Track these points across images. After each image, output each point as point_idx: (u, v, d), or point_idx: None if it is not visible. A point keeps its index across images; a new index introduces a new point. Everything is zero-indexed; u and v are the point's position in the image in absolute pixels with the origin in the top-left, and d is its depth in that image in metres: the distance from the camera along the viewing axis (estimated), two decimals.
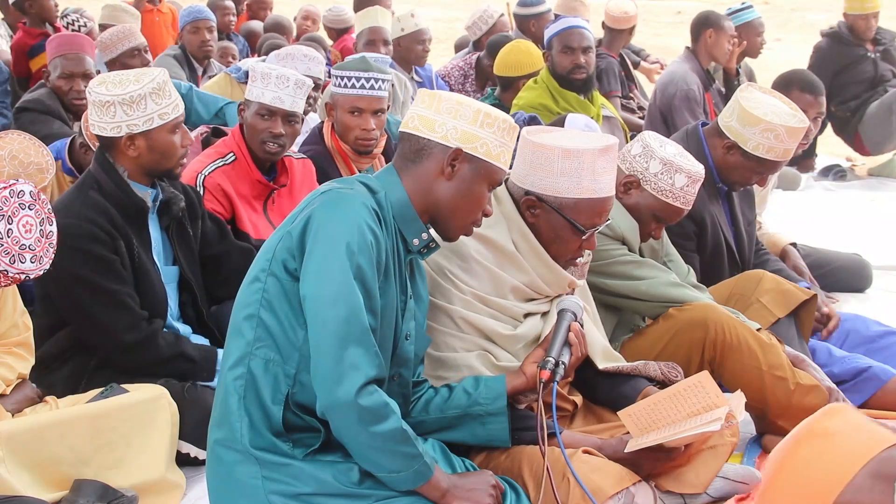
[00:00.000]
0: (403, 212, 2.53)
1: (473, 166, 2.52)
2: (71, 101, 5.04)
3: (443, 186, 2.53)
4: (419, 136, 2.53)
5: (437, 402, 2.72)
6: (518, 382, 2.71)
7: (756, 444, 3.46)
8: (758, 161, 3.87)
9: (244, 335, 2.46)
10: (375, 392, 2.35)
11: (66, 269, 3.19)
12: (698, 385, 2.72)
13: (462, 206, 2.55)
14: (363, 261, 2.36)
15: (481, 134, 2.51)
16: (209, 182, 4.04)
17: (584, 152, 2.79)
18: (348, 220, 2.38)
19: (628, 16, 7.61)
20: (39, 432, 2.95)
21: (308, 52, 5.37)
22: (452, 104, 2.52)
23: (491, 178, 2.55)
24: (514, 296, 2.90)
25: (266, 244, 2.51)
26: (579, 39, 5.62)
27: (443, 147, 2.51)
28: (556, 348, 2.66)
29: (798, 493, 1.58)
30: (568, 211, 2.82)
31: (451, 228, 2.59)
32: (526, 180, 2.86)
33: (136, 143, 3.28)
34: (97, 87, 3.26)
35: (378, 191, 2.52)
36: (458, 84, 7.10)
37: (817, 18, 20.24)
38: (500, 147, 2.54)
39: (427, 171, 2.53)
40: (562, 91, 5.59)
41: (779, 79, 4.64)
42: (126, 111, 3.23)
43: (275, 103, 4.04)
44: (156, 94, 3.24)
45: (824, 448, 1.59)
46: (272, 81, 4.04)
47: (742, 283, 3.86)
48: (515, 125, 2.57)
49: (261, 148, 4.09)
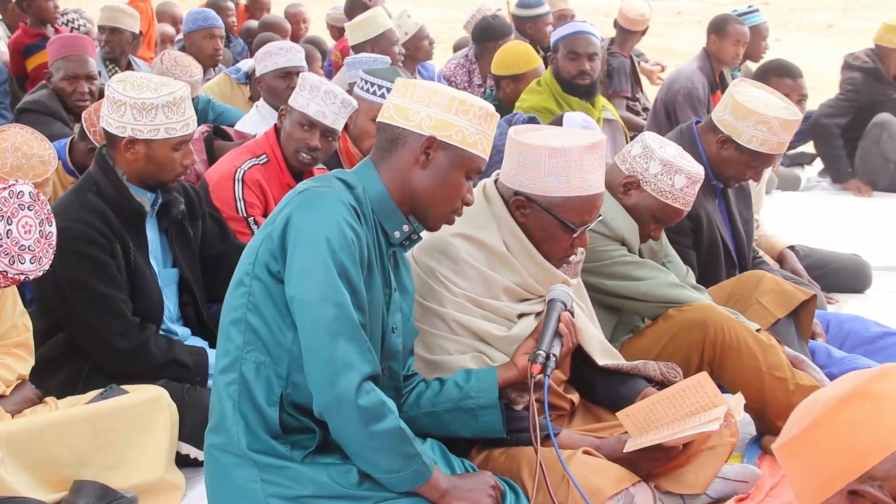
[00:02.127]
0: (382, 205, 2.52)
1: (449, 154, 2.50)
2: (74, 103, 5.05)
3: (419, 175, 2.51)
4: (394, 125, 2.52)
5: (428, 396, 2.71)
6: (509, 374, 2.70)
7: (756, 445, 3.45)
8: (752, 154, 3.87)
9: (233, 339, 2.46)
10: (373, 391, 2.35)
11: (62, 271, 3.18)
12: (697, 386, 2.72)
13: (439, 195, 2.53)
14: (345, 258, 2.36)
15: (456, 121, 2.48)
16: (248, 177, 4.10)
17: (571, 150, 2.78)
18: (327, 218, 2.37)
19: (644, 18, 7.64)
20: (39, 433, 2.95)
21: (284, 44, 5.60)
22: (426, 92, 2.50)
23: (468, 166, 2.52)
24: (507, 296, 2.89)
25: (248, 247, 2.50)
26: (586, 45, 5.61)
27: (417, 135, 2.49)
28: (546, 340, 2.65)
29: (834, 452, 1.54)
30: (557, 210, 2.81)
31: (431, 217, 2.57)
32: (514, 180, 2.85)
33: (135, 148, 3.27)
34: (117, 83, 3.26)
35: (356, 186, 2.50)
36: (463, 82, 7.11)
37: (817, 18, 20.27)
38: (477, 134, 2.51)
39: (402, 160, 2.51)
40: (565, 95, 5.58)
41: (755, 72, 4.67)
42: (135, 115, 3.23)
43: (318, 117, 4.06)
44: (169, 107, 3.24)
45: (875, 412, 1.53)
46: (320, 95, 4.06)
47: (741, 283, 3.87)
48: (494, 112, 2.54)
49: (294, 156, 4.13)
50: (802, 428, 1.58)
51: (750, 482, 3.09)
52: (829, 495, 1.54)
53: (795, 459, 1.59)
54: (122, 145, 3.28)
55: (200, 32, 6.76)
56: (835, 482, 1.54)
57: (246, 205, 4.08)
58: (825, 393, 1.61)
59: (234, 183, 4.08)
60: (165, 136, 3.26)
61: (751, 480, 3.09)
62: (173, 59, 5.44)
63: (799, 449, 1.58)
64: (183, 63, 5.44)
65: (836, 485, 1.54)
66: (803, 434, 1.57)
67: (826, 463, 1.55)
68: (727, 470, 3.02)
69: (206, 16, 6.85)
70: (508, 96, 5.82)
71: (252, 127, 5.16)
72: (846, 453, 1.53)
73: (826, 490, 1.55)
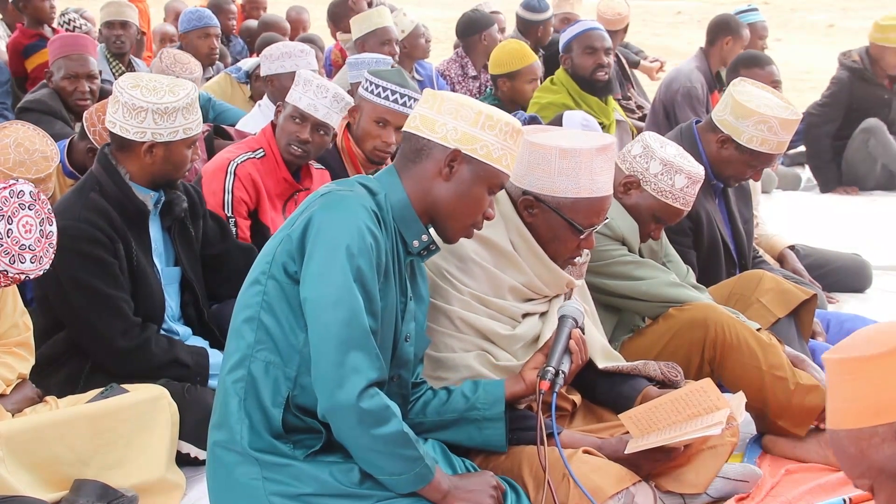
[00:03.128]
0: (403, 213, 2.52)
1: (472, 168, 2.50)
2: (75, 102, 5.05)
3: (441, 187, 2.51)
4: (420, 135, 2.52)
5: (434, 405, 2.71)
6: (517, 388, 2.70)
7: (756, 444, 3.45)
8: (751, 154, 3.88)
9: (244, 337, 2.46)
10: (377, 395, 2.35)
11: (64, 270, 3.18)
12: (700, 390, 2.72)
13: (460, 208, 2.53)
14: (363, 263, 2.36)
15: (482, 136, 2.49)
16: (241, 170, 4.10)
17: (581, 152, 2.79)
18: (348, 222, 2.37)
19: (621, 17, 7.67)
20: (39, 432, 2.95)
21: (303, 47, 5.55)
22: (454, 105, 2.50)
23: (491, 182, 2.53)
24: (513, 296, 2.89)
25: (266, 247, 2.51)
26: (601, 40, 5.63)
27: (442, 147, 2.49)
28: (556, 357, 2.64)
29: None
30: (566, 210, 2.82)
31: (450, 230, 2.58)
32: (523, 180, 2.86)
33: (154, 152, 3.28)
34: (130, 89, 3.25)
35: (378, 192, 2.51)
36: (457, 77, 7.13)
37: (817, 18, 20.27)
38: (502, 150, 2.51)
39: (426, 171, 2.52)
40: (582, 94, 5.58)
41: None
42: (156, 120, 3.23)
43: (309, 110, 4.07)
44: (187, 109, 3.27)
45: None
46: (312, 89, 4.08)
47: (742, 283, 3.87)
48: (520, 128, 2.54)
49: (286, 149, 4.13)
50: (875, 352, 1.53)
51: (750, 482, 3.09)
52: (878, 423, 1.51)
53: (854, 377, 1.54)
54: (139, 150, 3.28)
55: (196, 32, 6.76)
56: (891, 412, 1.51)
57: (234, 199, 4.06)
58: None
59: (226, 175, 4.08)
60: (183, 136, 3.29)
61: (751, 480, 3.09)
62: (172, 57, 5.43)
63: (864, 368, 1.53)
64: (182, 61, 5.44)
65: (890, 415, 1.51)
66: (875, 357, 1.52)
67: (889, 391, 1.51)
68: (728, 469, 3.03)
69: (200, 15, 6.84)
70: (507, 95, 5.82)
71: (255, 126, 5.16)
72: None
73: (878, 417, 1.51)
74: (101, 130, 3.98)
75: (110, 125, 3.32)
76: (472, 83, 6.99)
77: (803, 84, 12.37)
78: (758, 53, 4.89)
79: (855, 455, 1.54)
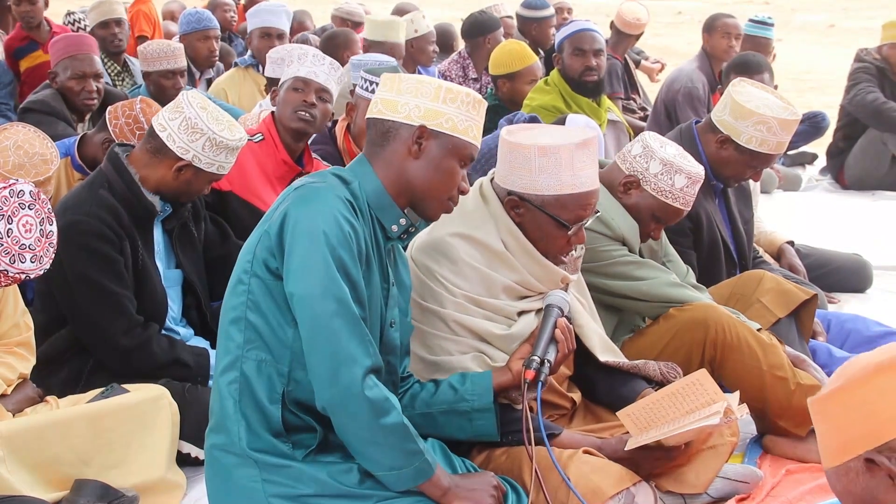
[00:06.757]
0: (378, 199, 2.52)
1: (440, 142, 2.50)
2: (83, 102, 5.07)
3: (413, 166, 2.51)
4: (384, 119, 2.51)
5: (423, 397, 2.71)
6: (504, 379, 2.70)
7: (756, 445, 3.46)
8: (751, 154, 3.88)
9: (233, 339, 2.46)
10: (376, 386, 2.35)
11: (71, 265, 3.20)
12: (696, 383, 2.72)
13: (435, 184, 2.52)
14: (344, 253, 2.36)
15: (445, 109, 2.49)
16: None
17: (560, 148, 2.78)
18: (324, 213, 2.37)
19: (639, 23, 7.66)
20: (40, 432, 2.95)
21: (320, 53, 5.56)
22: (413, 83, 2.51)
23: (461, 154, 2.52)
24: (507, 295, 2.88)
25: (246, 245, 2.50)
26: (591, 42, 5.61)
27: (407, 126, 2.49)
28: (541, 346, 2.65)
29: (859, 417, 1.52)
30: (551, 208, 2.81)
31: (429, 208, 2.57)
32: (507, 180, 2.85)
33: (183, 171, 3.31)
34: (198, 108, 3.29)
35: (351, 181, 2.50)
36: (458, 78, 7.13)
37: (817, 18, 20.27)
38: (467, 122, 2.51)
39: (395, 152, 2.51)
40: (573, 95, 5.58)
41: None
42: (205, 146, 3.28)
43: (309, 76, 4.12)
44: (232, 151, 3.34)
45: None
46: (309, 58, 4.15)
47: (742, 283, 3.87)
48: (481, 99, 2.55)
49: (293, 117, 4.10)
50: (835, 387, 1.56)
51: (751, 482, 3.09)
52: (847, 458, 1.54)
53: (824, 416, 1.58)
54: (172, 163, 3.30)
55: (195, 34, 6.74)
56: (854, 447, 1.53)
57: None
58: (867, 357, 1.59)
59: None
60: (216, 172, 3.34)
61: (751, 480, 3.10)
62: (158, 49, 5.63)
63: (828, 407, 1.57)
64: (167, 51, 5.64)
65: (855, 450, 1.53)
66: (834, 393, 1.55)
67: (850, 426, 1.54)
68: (728, 469, 3.03)
69: (199, 17, 6.83)
70: (507, 95, 5.82)
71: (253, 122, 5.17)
72: (870, 420, 1.52)
73: (845, 453, 1.54)
74: (122, 125, 3.97)
75: (159, 128, 3.32)
76: (472, 85, 6.99)
77: (803, 84, 12.36)
78: (751, 59, 4.87)
79: (842, 492, 1.58)
